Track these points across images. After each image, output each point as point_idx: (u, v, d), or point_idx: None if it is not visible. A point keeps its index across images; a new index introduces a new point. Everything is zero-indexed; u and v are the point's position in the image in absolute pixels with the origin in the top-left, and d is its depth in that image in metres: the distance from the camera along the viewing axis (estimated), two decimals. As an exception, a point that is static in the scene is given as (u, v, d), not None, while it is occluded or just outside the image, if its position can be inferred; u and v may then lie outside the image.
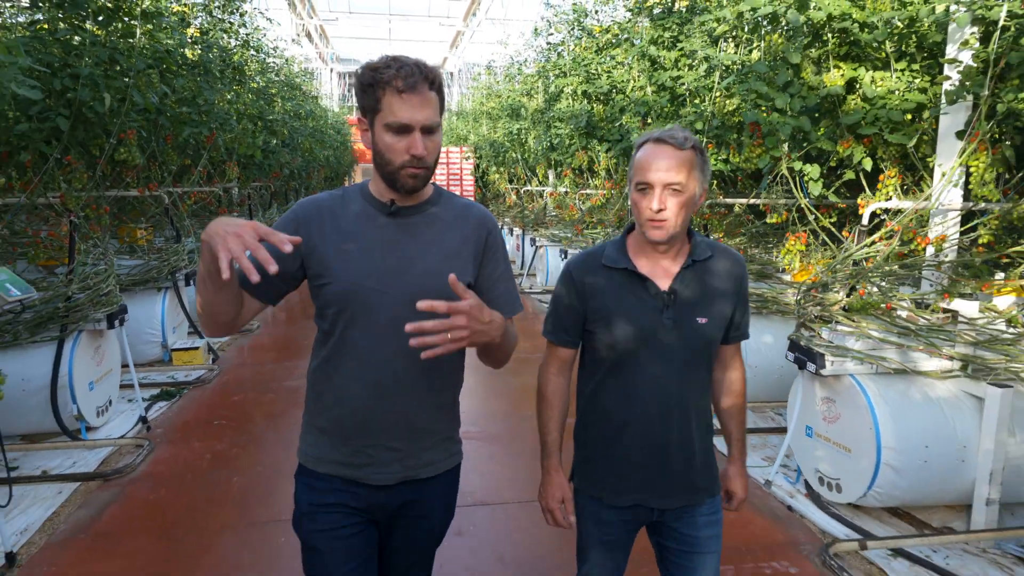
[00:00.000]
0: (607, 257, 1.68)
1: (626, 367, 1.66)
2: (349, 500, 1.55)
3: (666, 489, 1.69)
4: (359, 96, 1.47)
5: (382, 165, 1.47)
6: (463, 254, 1.56)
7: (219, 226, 1.28)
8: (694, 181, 1.58)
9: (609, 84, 6.35)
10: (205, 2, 6.22)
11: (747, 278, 1.75)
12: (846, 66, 3.41)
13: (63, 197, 4.24)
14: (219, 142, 6.42)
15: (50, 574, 2.91)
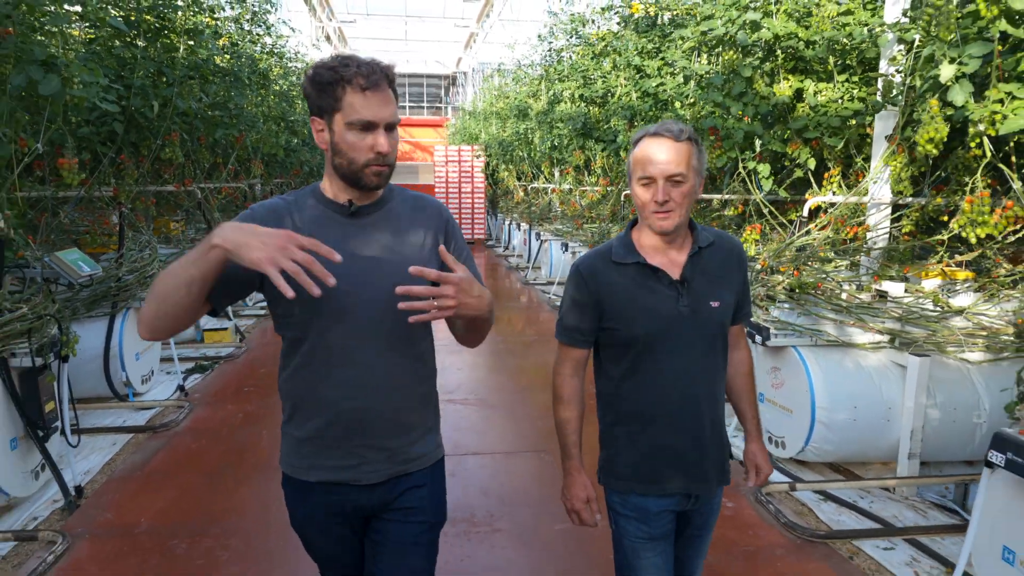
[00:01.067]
0: (616, 253, 1.70)
1: (650, 359, 1.68)
2: (339, 505, 1.56)
3: (704, 474, 1.72)
4: (314, 95, 1.43)
5: (344, 165, 1.44)
6: (427, 245, 1.56)
7: (247, 236, 1.24)
8: (693, 171, 1.61)
9: (604, 88, 6.90)
10: (236, 15, 6.84)
11: (746, 260, 1.80)
12: (794, 78, 3.93)
13: (116, 191, 4.85)
14: (246, 142, 7.03)
15: (112, 502, 3.52)
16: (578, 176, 8.95)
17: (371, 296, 1.46)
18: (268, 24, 7.45)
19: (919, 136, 2.73)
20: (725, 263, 1.73)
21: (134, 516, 3.35)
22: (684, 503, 1.75)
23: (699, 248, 1.68)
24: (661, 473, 1.71)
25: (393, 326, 1.48)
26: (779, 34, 3.79)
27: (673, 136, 1.58)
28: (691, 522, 1.80)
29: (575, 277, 1.75)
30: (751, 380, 1.88)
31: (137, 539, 3.12)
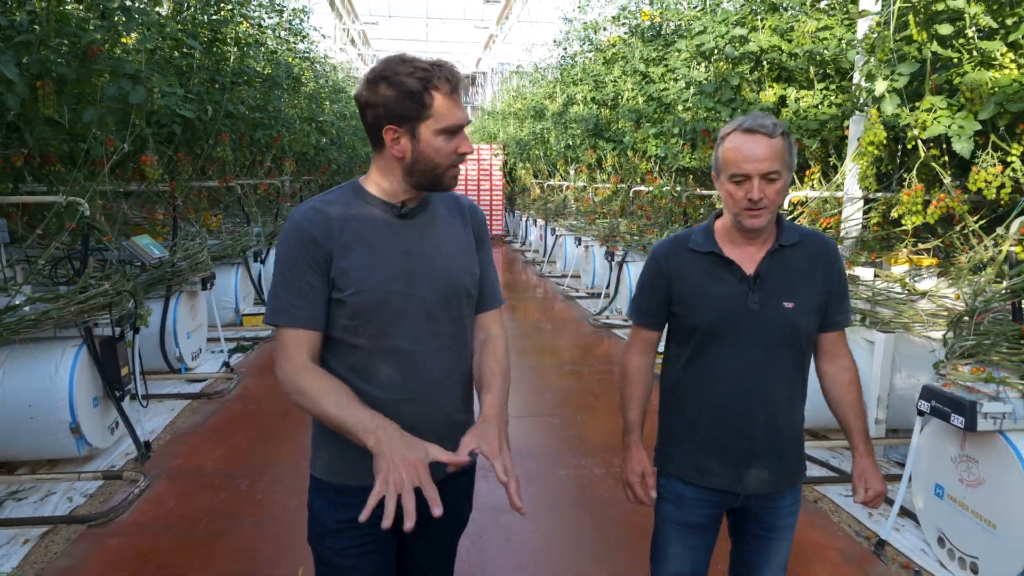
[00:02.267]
0: (694, 241, 1.69)
1: (710, 350, 1.66)
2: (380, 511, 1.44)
3: (753, 474, 1.68)
4: (395, 103, 1.38)
5: (428, 170, 1.43)
6: (469, 244, 1.58)
7: (392, 453, 1.26)
8: (786, 167, 1.57)
9: (614, 92, 7.39)
10: (274, 24, 7.42)
11: (840, 262, 1.71)
12: (778, 86, 4.40)
13: (172, 186, 5.43)
14: (283, 142, 7.62)
15: (180, 452, 4.09)
16: (591, 174, 9.45)
17: (427, 296, 1.46)
18: (305, 34, 8.02)
19: (862, 139, 3.19)
20: (811, 263, 1.66)
21: (200, 462, 3.91)
22: (732, 500, 1.71)
23: (780, 246, 1.64)
24: (706, 465, 1.69)
25: (445, 326, 1.50)
26: (764, 47, 4.26)
27: (767, 132, 1.53)
28: (751, 519, 1.75)
29: (651, 259, 1.75)
30: (856, 391, 1.74)
31: (206, 479, 3.69)
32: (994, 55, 2.79)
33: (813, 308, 1.65)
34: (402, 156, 1.42)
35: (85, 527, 3.20)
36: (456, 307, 1.52)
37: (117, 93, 3.40)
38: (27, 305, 3.78)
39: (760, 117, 1.57)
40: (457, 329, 1.53)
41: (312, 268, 1.42)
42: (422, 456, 1.27)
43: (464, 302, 1.55)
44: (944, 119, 2.81)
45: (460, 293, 1.53)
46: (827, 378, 1.76)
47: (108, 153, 3.75)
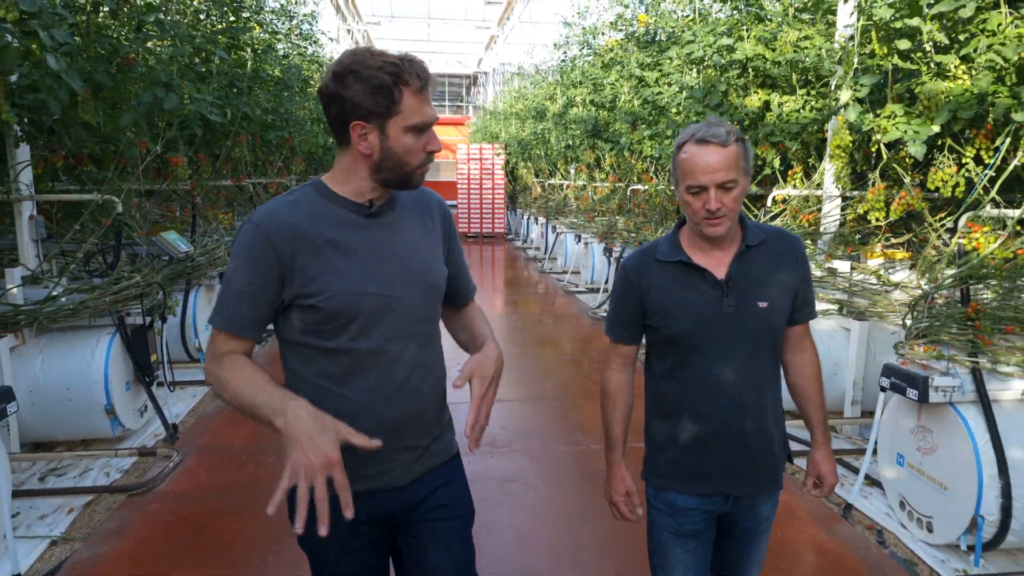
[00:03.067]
0: (660, 252, 1.69)
1: (692, 358, 1.66)
2: (365, 513, 1.45)
3: (746, 477, 1.69)
4: (362, 98, 1.32)
5: (396, 168, 1.38)
6: (437, 239, 1.55)
7: (302, 436, 1.20)
8: (742, 173, 1.57)
9: (612, 94, 7.70)
10: (286, 31, 7.74)
11: (805, 257, 1.73)
12: (762, 92, 4.71)
13: (193, 184, 5.75)
14: (294, 142, 7.93)
15: (207, 431, 4.41)
16: (590, 173, 9.76)
17: (402, 294, 1.43)
18: (315, 39, 8.34)
19: (830, 143, 3.50)
20: (778, 262, 1.67)
21: (226, 441, 4.23)
22: (722, 504, 1.72)
23: (747, 247, 1.64)
24: (697, 472, 1.69)
25: (420, 325, 1.48)
26: (749, 56, 4.58)
27: (721, 141, 1.52)
28: (736, 525, 1.76)
29: (621, 275, 1.75)
30: (818, 384, 1.78)
31: (234, 454, 4.01)
32: (948, 67, 3.10)
33: (785, 305, 1.67)
34: (369, 153, 1.37)
35: (126, 496, 3.52)
36: (431, 305, 1.51)
37: (152, 99, 3.72)
38: (64, 296, 4.10)
39: (714, 125, 1.56)
40: (430, 327, 1.52)
41: (264, 275, 1.36)
42: (332, 439, 1.20)
43: (436, 300, 1.54)
44: (901, 125, 3.12)
45: (433, 291, 1.51)
46: (793, 369, 1.79)
47: (142, 155, 4.06)
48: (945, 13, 3.04)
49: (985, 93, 2.99)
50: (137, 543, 3.07)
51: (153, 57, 3.94)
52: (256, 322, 1.41)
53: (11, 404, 2.90)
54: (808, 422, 1.80)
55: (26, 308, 3.95)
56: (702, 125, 1.58)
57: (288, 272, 1.37)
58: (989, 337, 2.87)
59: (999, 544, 2.89)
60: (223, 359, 1.39)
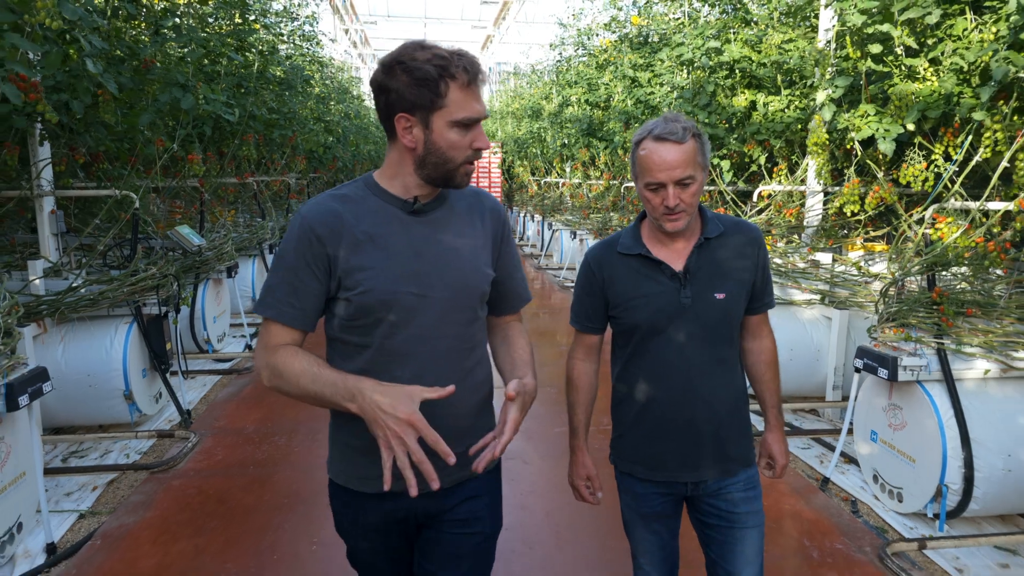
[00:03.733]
0: (622, 244, 1.73)
1: (650, 347, 1.70)
2: (392, 514, 1.49)
3: (696, 463, 1.72)
4: (408, 91, 1.32)
5: (439, 163, 1.37)
6: (486, 245, 1.51)
7: (379, 412, 1.24)
8: (700, 168, 1.60)
9: (606, 94, 7.93)
10: (288, 33, 7.95)
11: (764, 248, 1.76)
12: (749, 92, 4.94)
13: (202, 182, 5.96)
14: (297, 141, 8.14)
15: (220, 416, 4.62)
16: (585, 171, 9.99)
17: (439, 295, 1.41)
18: (318, 40, 8.56)
19: (808, 141, 3.73)
20: (737, 253, 1.70)
21: (240, 424, 4.45)
22: (683, 489, 1.76)
23: (706, 239, 1.68)
24: (652, 458, 1.75)
25: (456, 328, 1.45)
26: (736, 58, 4.81)
27: (677, 139, 1.55)
28: (705, 509, 1.78)
29: (584, 266, 1.79)
30: (773, 370, 1.84)
31: (247, 436, 4.22)
32: (918, 70, 3.33)
33: (743, 295, 1.71)
34: (414, 147, 1.37)
35: (149, 473, 3.73)
36: (469, 309, 1.47)
37: (170, 99, 3.93)
38: (84, 287, 4.31)
39: (670, 122, 1.59)
40: (468, 331, 1.48)
41: (310, 266, 1.37)
42: (407, 405, 1.24)
43: (477, 304, 1.50)
44: (873, 123, 3.35)
45: (473, 294, 1.47)
46: (750, 355, 1.84)
47: (159, 153, 4.27)
48: (914, 19, 3.27)
49: (951, 94, 3.23)
50: (163, 513, 3.29)
51: (168, 59, 4.15)
52: (304, 313, 1.40)
53: (46, 383, 3.11)
54: (763, 405, 1.85)
55: (47, 299, 4.16)
56: (659, 122, 1.61)
57: (333, 264, 1.37)
58: (952, 320, 3.11)
59: (962, 512, 3.13)
60: (277, 351, 1.38)
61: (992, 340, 3.17)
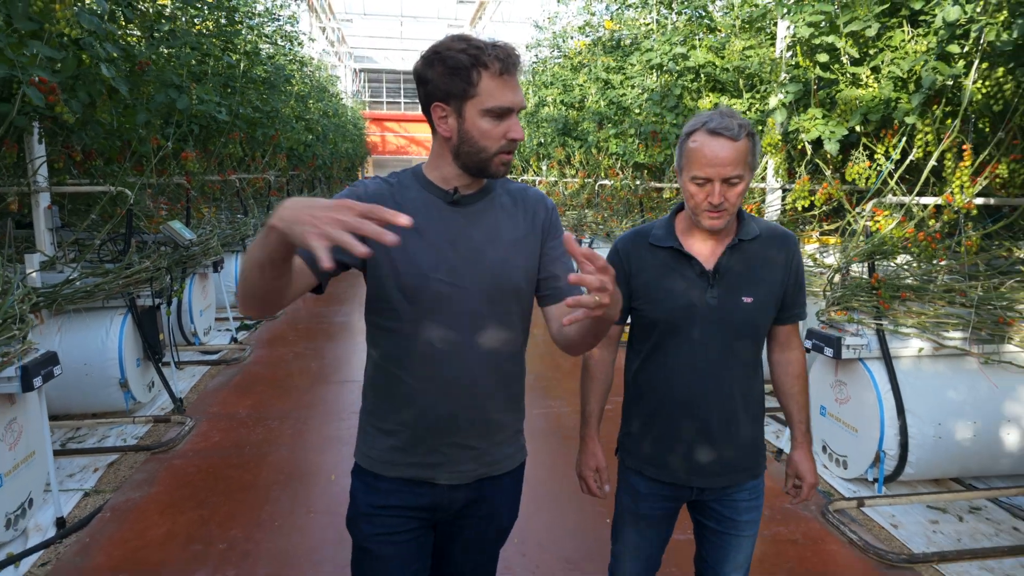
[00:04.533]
0: (654, 236, 1.68)
1: (670, 345, 1.65)
2: (413, 501, 1.49)
3: (706, 469, 1.68)
4: (441, 80, 1.33)
5: (473, 153, 1.37)
6: (529, 240, 1.49)
7: (302, 211, 1.01)
8: (748, 169, 1.55)
9: (580, 95, 8.24)
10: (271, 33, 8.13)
11: (799, 257, 1.69)
12: (713, 95, 5.26)
13: (189, 179, 6.14)
14: (280, 139, 8.33)
15: (213, 402, 4.83)
16: (561, 169, 10.30)
17: (470, 287, 1.40)
18: (300, 40, 8.74)
19: (763, 141, 4.05)
20: (771, 259, 1.64)
21: (233, 409, 4.67)
22: (687, 494, 1.72)
23: (739, 240, 1.63)
24: (661, 459, 1.70)
25: (491, 320, 1.43)
26: (701, 63, 5.13)
27: (732, 135, 1.50)
28: (708, 514, 1.75)
29: (612, 253, 1.74)
30: (802, 383, 1.77)
31: (241, 420, 4.45)
32: (861, 77, 3.66)
33: (772, 302, 1.65)
34: (449, 136, 1.38)
35: (149, 454, 3.95)
36: (502, 304, 1.45)
37: (165, 99, 4.13)
38: (80, 280, 4.49)
39: (726, 117, 1.54)
40: (501, 327, 1.45)
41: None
42: (337, 206, 1.01)
43: (512, 300, 1.47)
44: (820, 126, 3.68)
45: (507, 290, 1.45)
46: (778, 368, 1.78)
47: (154, 151, 4.47)
48: (856, 31, 3.60)
49: (889, 99, 3.56)
50: (167, 489, 3.51)
51: (162, 61, 4.35)
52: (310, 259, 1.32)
53: (56, 367, 3.31)
54: (790, 421, 1.79)
55: (44, 291, 4.34)
56: (714, 114, 1.56)
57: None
58: (889, 303, 3.44)
59: (899, 476, 3.47)
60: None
61: (924, 321, 3.51)
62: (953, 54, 3.24)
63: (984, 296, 3.46)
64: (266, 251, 1.13)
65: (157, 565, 2.84)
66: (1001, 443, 3.48)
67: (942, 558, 2.93)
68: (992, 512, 3.44)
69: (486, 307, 1.43)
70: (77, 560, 2.90)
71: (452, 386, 1.43)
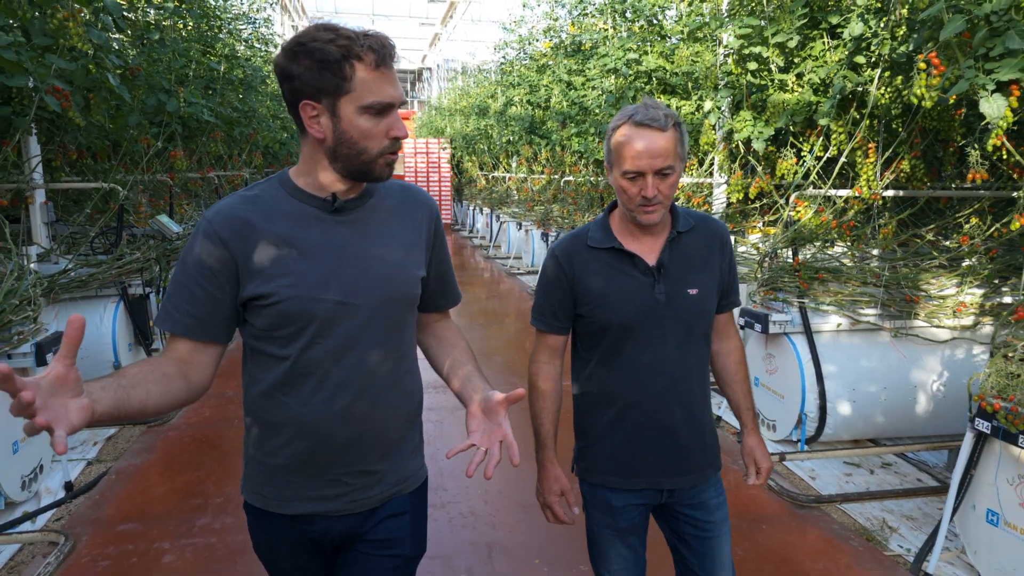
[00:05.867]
0: (592, 238, 1.64)
1: (624, 347, 1.62)
2: (313, 535, 1.38)
3: (677, 467, 1.66)
4: (310, 75, 1.20)
5: (353, 155, 1.25)
6: (418, 245, 1.41)
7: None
8: (679, 160, 1.52)
9: (546, 95, 8.67)
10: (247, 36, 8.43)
11: (731, 244, 1.70)
12: (664, 97, 5.71)
13: (172, 175, 6.44)
14: (257, 138, 8.64)
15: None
16: (529, 166, 10.73)
17: (362, 304, 1.30)
18: (276, 43, 9.05)
19: (701, 140, 4.52)
20: (707, 248, 1.65)
21: (221, 389, 5.02)
22: (656, 497, 1.69)
23: (678, 233, 1.61)
24: (628, 465, 1.66)
25: (384, 336, 1.34)
26: (652, 68, 5.58)
27: (659, 126, 1.47)
28: (679, 518, 1.72)
29: (551, 261, 1.68)
30: (743, 369, 1.79)
31: (229, 398, 4.81)
32: (787, 83, 4.13)
33: (714, 291, 1.65)
34: (323, 137, 1.25)
35: (146, 427, 4.29)
36: (397, 315, 1.36)
37: (156, 102, 4.47)
38: (75, 270, 4.81)
39: (651, 108, 1.50)
40: (397, 339, 1.37)
41: (209, 271, 1.25)
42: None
43: (407, 309, 1.40)
44: (749, 127, 4.14)
45: (401, 299, 1.37)
46: (719, 357, 1.78)
47: (144, 150, 4.80)
48: (781, 42, 4.07)
49: (811, 102, 4.04)
50: (165, 456, 3.87)
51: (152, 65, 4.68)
52: (202, 323, 1.26)
53: (64, 346, 3.64)
54: (736, 408, 1.80)
55: (41, 280, 4.65)
56: (639, 107, 1.51)
57: (242, 271, 1.26)
58: (808, 283, 3.92)
59: (820, 436, 3.95)
60: (146, 362, 1.22)
61: (841, 299, 4.00)
62: (860, 64, 3.71)
63: (892, 277, 3.95)
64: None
65: (163, 515, 3.20)
66: (909, 406, 3.98)
67: (845, 499, 3.41)
68: (901, 467, 3.94)
69: (384, 320, 1.33)
70: (90, 513, 3.26)
71: (350, 411, 1.32)
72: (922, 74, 2.70)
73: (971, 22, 2.55)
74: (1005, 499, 2.69)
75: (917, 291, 4.01)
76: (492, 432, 1.28)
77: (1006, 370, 2.55)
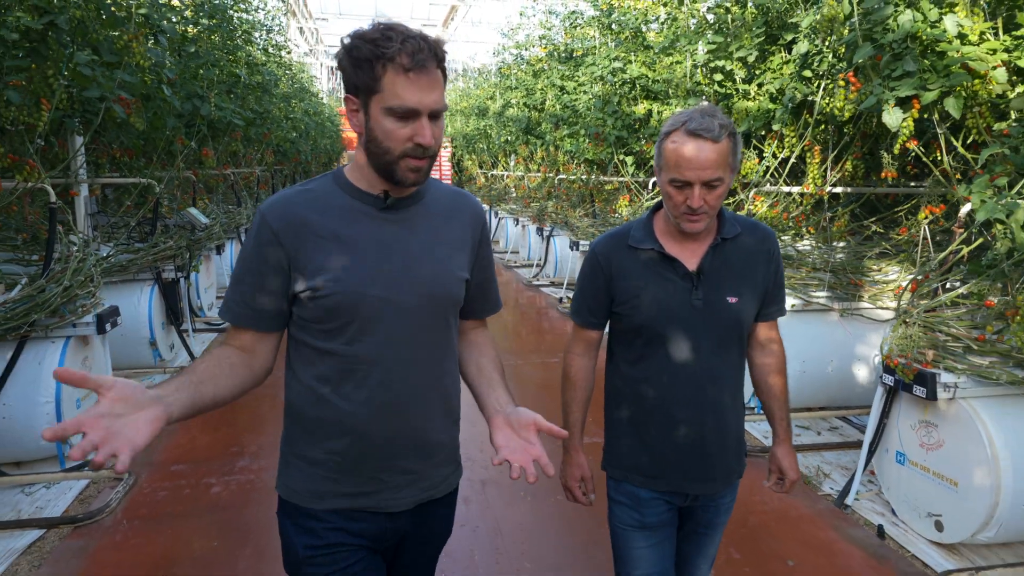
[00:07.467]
0: (633, 238, 1.62)
1: (657, 349, 1.60)
2: (353, 534, 1.38)
3: (703, 474, 1.65)
4: (350, 71, 1.24)
5: (378, 154, 1.26)
6: (464, 249, 1.42)
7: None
8: (729, 171, 1.49)
9: (541, 98, 9.25)
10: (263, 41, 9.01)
11: (778, 253, 1.66)
12: (647, 102, 6.28)
13: (196, 173, 7.02)
14: (271, 138, 9.23)
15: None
16: (526, 165, 11.32)
17: (406, 302, 1.32)
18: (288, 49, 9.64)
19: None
20: (752, 256, 1.62)
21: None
22: (682, 499, 1.69)
23: (722, 239, 1.59)
24: (659, 467, 1.66)
25: (427, 335, 1.37)
26: (636, 76, 6.15)
27: (713, 137, 1.44)
28: (693, 518, 1.74)
29: (591, 258, 1.68)
30: (782, 379, 1.76)
31: (253, 370, 5.37)
32: (749, 92, 4.70)
33: (755, 300, 1.62)
34: (359, 131, 1.29)
35: (182, 394, 4.86)
36: (441, 314, 1.38)
37: (191, 108, 5.04)
38: (114, 256, 5.38)
39: (707, 116, 1.47)
40: (440, 339, 1.40)
41: (265, 263, 1.30)
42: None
43: (451, 310, 1.42)
44: (714, 131, 4.71)
45: (446, 299, 1.39)
46: (758, 366, 1.76)
47: (180, 149, 5.38)
48: (743, 56, 4.65)
49: (769, 109, 4.61)
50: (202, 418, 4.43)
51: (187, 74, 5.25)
52: (258, 313, 1.32)
53: (119, 317, 4.22)
54: (771, 418, 1.78)
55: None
56: (694, 114, 1.49)
57: (294, 264, 1.29)
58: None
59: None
60: (210, 351, 1.25)
61: (795, 283, 4.56)
62: (807, 77, 4.29)
63: (838, 263, 4.52)
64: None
65: (207, 458, 3.79)
66: (853, 377, 4.55)
67: (788, 449, 3.98)
68: (845, 430, 4.51)
69: (427, 319, 1.36)
70: (144, 458, 3.83)
71: (391, 408, 1.34)
72: (841, 90, 3.28)
73: (879, 48, 3.13)
74: (908, 441, 3.26)
75: (861, 276, 4.58)
76: (526, 449, 1.28)
77: (905, 333, 3.12)
